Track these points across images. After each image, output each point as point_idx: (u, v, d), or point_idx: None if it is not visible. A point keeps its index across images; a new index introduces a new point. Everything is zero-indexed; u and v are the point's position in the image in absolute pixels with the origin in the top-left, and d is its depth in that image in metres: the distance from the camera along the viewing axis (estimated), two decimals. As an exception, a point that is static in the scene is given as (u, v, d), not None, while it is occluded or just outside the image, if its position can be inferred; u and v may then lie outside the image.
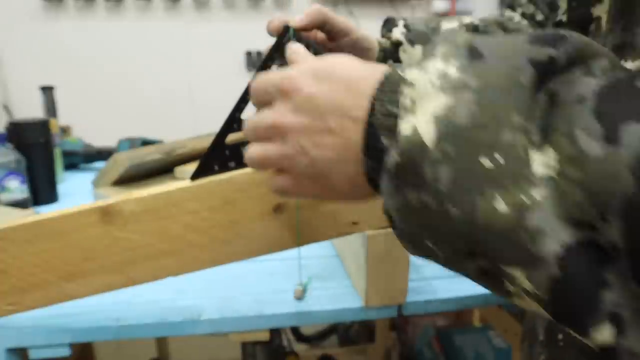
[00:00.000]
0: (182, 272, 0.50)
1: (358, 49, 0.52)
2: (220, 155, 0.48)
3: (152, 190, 0.48)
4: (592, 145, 0.20)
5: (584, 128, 0.20)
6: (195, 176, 0.48)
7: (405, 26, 0.56)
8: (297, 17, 0.47)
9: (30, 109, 1.72)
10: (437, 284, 0.62)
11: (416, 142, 0.23)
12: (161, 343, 1.51)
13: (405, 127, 0.24)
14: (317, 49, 0.47)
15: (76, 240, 0.47)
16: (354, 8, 2.64)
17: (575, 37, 0.23)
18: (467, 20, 0.58)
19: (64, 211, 0.46)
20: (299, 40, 0.46)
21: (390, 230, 0.52)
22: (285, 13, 0.50)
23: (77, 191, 1.05)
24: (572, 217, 0.20)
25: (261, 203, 0.49)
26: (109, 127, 1.86)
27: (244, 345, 0.94)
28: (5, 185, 0.89)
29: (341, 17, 0.50)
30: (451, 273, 0.65)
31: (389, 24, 0.57)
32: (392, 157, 0.24)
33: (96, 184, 0.94)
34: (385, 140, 0.26)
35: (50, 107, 1.34)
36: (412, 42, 0.54)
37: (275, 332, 1.10)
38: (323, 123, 0.29)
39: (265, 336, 0.59)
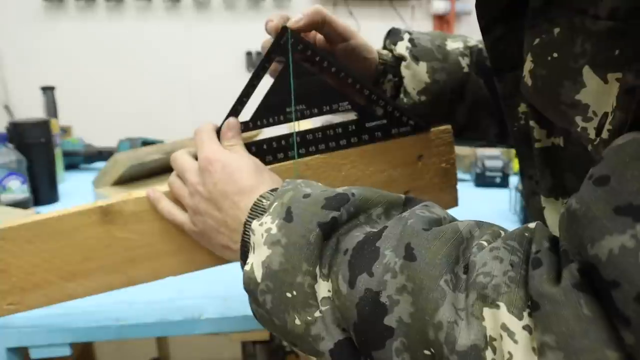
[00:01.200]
0: (182, 272, 0.50)
1: (356, 57, 0.51)
2: None
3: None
4: (343, 286, 0.32)
5: (342, 274, 0.32)
6: None
7: (411, 40, 0.54)
8: (295, 17, 0.47)
9: (31, 109, 1.72)
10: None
11: (252, 278, 0.36)
12: (161, 343, 1.51)
13: (248, 263, 0.37)
14: (315, 50, 0.47)
15: (76, 240, 0.47)
16: (353, 8, 2.64)
17: (358, 196, 0.35)
18: (471, 42, 0.57)
19: (64, 211, 0.47)
20: (297, 41, 0.46)
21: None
22: (285, 13, 0.51)
23: (77, 191, 1.05)
24: (339, 324, 0.33)
25: (261, 203, 0.49)
26: (109, 127, 1.86)
27: (244, 345, 0.95)
28: (6, 185, 0.89)
29: (341, 21, 0.49)
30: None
31: (394, 36, 0.55)
32: (244, 281, 0.37)
33: (96, 184, 0.94)
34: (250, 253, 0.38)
35: (51, 107, 1.35)
36: (416, 59, 0.53)
37: (275, 332, 1.10)
38: (216, 205, 0.42)
39: (265, 336, 0.59)
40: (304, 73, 0.47)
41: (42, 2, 2.38)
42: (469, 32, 2.55)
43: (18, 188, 0.90)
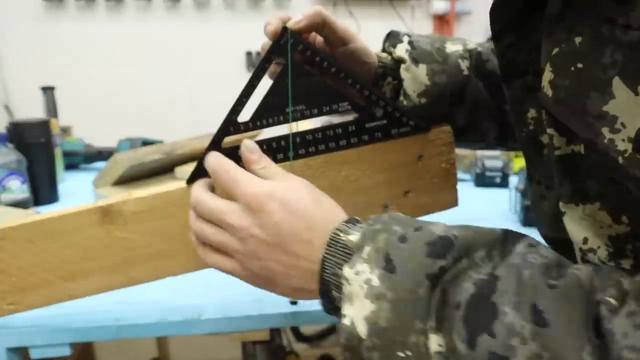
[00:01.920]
0: (182, 272, 0.50)
1: (355, 60, 0.51)
2: None
3: (152, 190, 0.48)
4: (461, 346, 0.29)
5: (457, 332, 0.30)
6: (191, 180, 0.48)
7: (410, 43, 0.54)
8: (295, 18, 0.46)
9: (31, 109, 1.72)
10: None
11: (354, 335, 0.33)
12: (161, 343, 1.51)
13: (346, 316, 0.34)
14: (315, 51, 0.47)
15: (76, 240, 0.47)
16: (353, 8, 2.64)
17: (460, 239, 0.32)
18: (470, 45, 0.57)
19: (64, 211, 0.47)
20: (297, 42, 0.46)
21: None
22: (285, 13, 0.51)
23: (77, 191, 1.05)
24: None
25: (261, 203, 0.49)
26: (109, 127, 1.86)
27: (244, 345, 0.94)
28: (6, 185, 0.89)
29: (341, 24, 0.49)
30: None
31: (393, 39, 0.55)
32: (342, 337, 0.34)
33: (97, 184, 0.94)
34: (334, 293, 0.36)
35: (51, 107, 1.35)
36: (416, 61, 0.52)
37: (275, 332, 1.10)
38: (283, 249, 0.38)
39: (265, 336, 0.59)
40: (304, 73, 0.47)
41: (42, 2, 2.38)
42: (468, 32, 2.54)
43: (18, 188, 0.90)
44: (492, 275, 0.31)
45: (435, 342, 0.31)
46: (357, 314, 0.33)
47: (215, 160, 0.43)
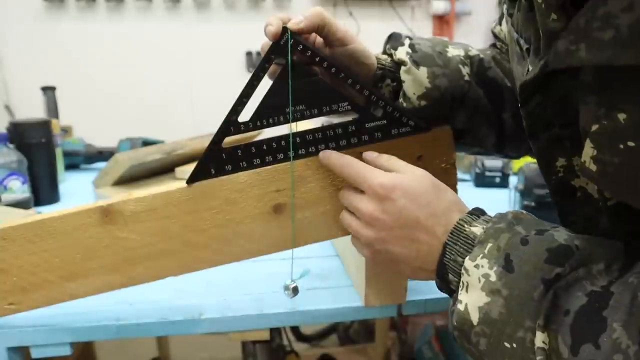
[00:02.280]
0: (182, 272, 0.50)
1: (355, 61, 0.51)
2: (217, 158, 0.48)
3: (152, 190, 0.48)
4: (564, 350, 0.32)
5: (563, 337, 0.32)
6: (191, 180, 0.48)
7: (411, 46, 0.54)
8: (296, 18, 0.46)
9: (32, 109, 1.72)
10: (437, 283, 0.63)
11: (467, 320, 0.37)
12: (162, 342, 1.51)
13: (460, 302, 0.38)
14: (315, 51, 0.47)
15: (77, 240, 0.47)
16: (353, 8, 2.64)
17: (582, 249, 0.34)
18: (472, 52, 0.56)
19: (64, 211, 0.47)
20: (297, 43, 0.46)
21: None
22: (285, 13, 0.51)
23: (78, 191, 1.05)
24: None
25: (261, 203, 0.49)
26: (109, 127, 1.86)
27: (244, 345, 0.95)
28: (7, 186, 0.89)
29: (341, 25, 0.49)
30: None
31: (394, 41, 0.55)
32: (453, 320, 0.38)
33: (97, 184, 0.94)
34: (450, 277, 0.40)
35: (52, 108, 1.35)
36: (416, 64, 0.52)
37: (275, 332, 1.10)
38: (405, 233, 0.42)
39: (265, 335, 0.59)
40: (304, 74, 0.47)
41: (43, 2, 2.38)
42: (468, 33, 2.53)
43: (19, 188, 0.90)
44: (607, 290, 0.32)
45: (540, 339, 0.33)
46: (471, 302, 0.37)
47: (337, 157, 0.47)
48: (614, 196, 0.35)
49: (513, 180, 1.07)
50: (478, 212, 0.42)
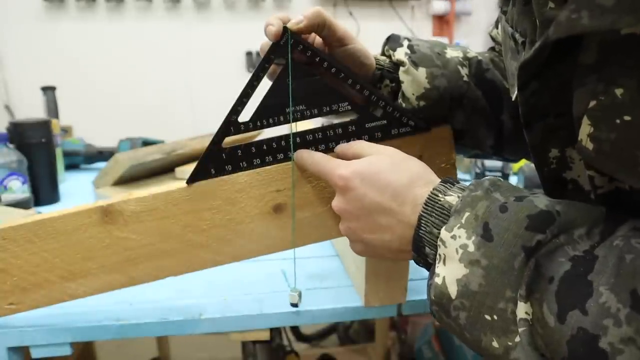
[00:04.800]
0: (182, 272, 0.50)
1: (354, 61, 0.51)
2: (216, 158, 0.48)
3: (152, 190, 0.48)
4: (550, 318, 0.31)
5: (549, 305, 0.31)
6: (191, 180, 0.48)
7: (410, 47, 0.53)
8: (296, 18, 0.46)
9: (32, 109, 1.72)
10: (437, 283, 0.63)
11: (445, 293, 0.36)
12: (162, 342, 1.51)
13: (438, 275, 0.36)
14: (315, 51, 0.47)
15: (77, 240, 0.47)
16: (353, 8, 2.64)
17: (563, 215, 0.33)
18: (471, 54, 0.56)
19: (65, 211, 0.47)
20: (297, 43, 0.46)
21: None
22: (285, 13, 0.50)
23: (78, 191, 1.05)
24: (537, 348, 0.32)
25: (261, 203, 0.49)
26: (109, 127, 1.86)
27: (244, 345, 0.95)
28: (7, 186, 0.89)
29: (341, 25, 0.49)
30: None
31: (393, 42, 0.55)
32: (431, 294, 0.37)
33: (97, 184, 0.94)
34: (427, 250, 0.39)
35: (52, 108, 1.35)
36: (415, 64, 0.52)
37: (275, 332, 1.10)
38: (372, 220, 0.41)
39: (265, 335, 0.59)
40: (304, 74, 0.47)
41: (43, 2, 2.38)
42: (468, 33, 2.53)
43: (19, 188, 0.90)
44: (590, 254, 0.31)
45: (522, 310, 0.32)
46: (449, 274, 0.35)
47: (308, 156, 0.47)
48: (611, 174, 0.33)
49: (513, 180, 1.07)
50: (452, 181, 0.40)
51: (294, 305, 0.56)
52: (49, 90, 1.35)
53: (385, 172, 0.41)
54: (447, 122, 0.54)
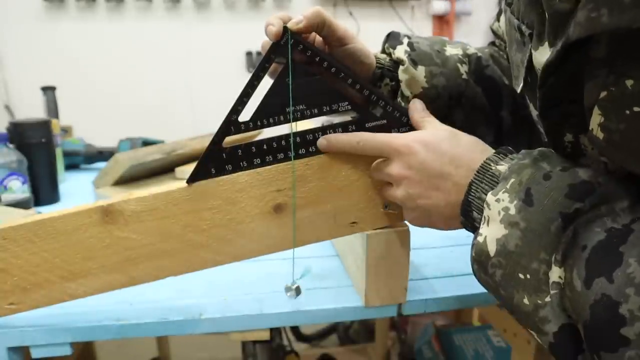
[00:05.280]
0: (182, 272, 0.50)
1: (354, 60, 0.51)
2: (217, 158, 0.48)
3: (152, 190, 0.48)
4: (577, 283, 0.33)
5: (578, 271, 0.33)
6: (191, 179, 0.48)
7: (410, 45, 0.54)
8: (295, 18, 0.47)
9: (32, 109, 1.72)
10: (437, 283, 0.63)
11: (484, 251, 0.38)
12: (162, 342, 1.51)
13: (480, 235, 0.39)
14: (315, 51, 0.47)
15: (77, 240, 0.47)
16: (353, 8, 2.64)
17: (604, 186, 0.34)
18: (470, 50, 0.57)
19: (65, 211, 0.47)
20: (297, 43, 0.46)
21: (390, 229, 0.53)
22: (285, 13, 0.51)
23: (78, 191, 1.05)
24: (565, 309, 0.34)
25: (261, 203, 0.49)
26: (109, 127, 1.86)
27: (244, 345, 0.95)
28: (7, 186, 0.89)
29: (341, 24, 0.49)
30: (451, 272, 0.66)
31: (393, 40, 0.55)
32: (473, 250, 0.40)
33: (97, 184, 0.94)
34: (475, 214, 0.41)
35: (52, 108, 1.35)
36: (414, 63, 0.52)
37: (275, 332, 1.10)
38: (430, 184, 0.44)
39: (265, 335, 0.59)
40: (304, 73, 0.47)
41: (43, 2, 2.38)
42: (468, 33, 2.53)
43: (19, 188, 0.90)
44: (627, 227, 0.32)
45: (556, 274, 0.34)
46: (490, 234, 0.38)
47: (349, 136, 0.48)
48: (621, 164, 0.34)
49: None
50: (505, 152, 0.42)
51: (291, 289, 0.54)
52: (49, 90, 1.35)
53: (445, 140, 0.44)
54: (447, 121, 0.54)
